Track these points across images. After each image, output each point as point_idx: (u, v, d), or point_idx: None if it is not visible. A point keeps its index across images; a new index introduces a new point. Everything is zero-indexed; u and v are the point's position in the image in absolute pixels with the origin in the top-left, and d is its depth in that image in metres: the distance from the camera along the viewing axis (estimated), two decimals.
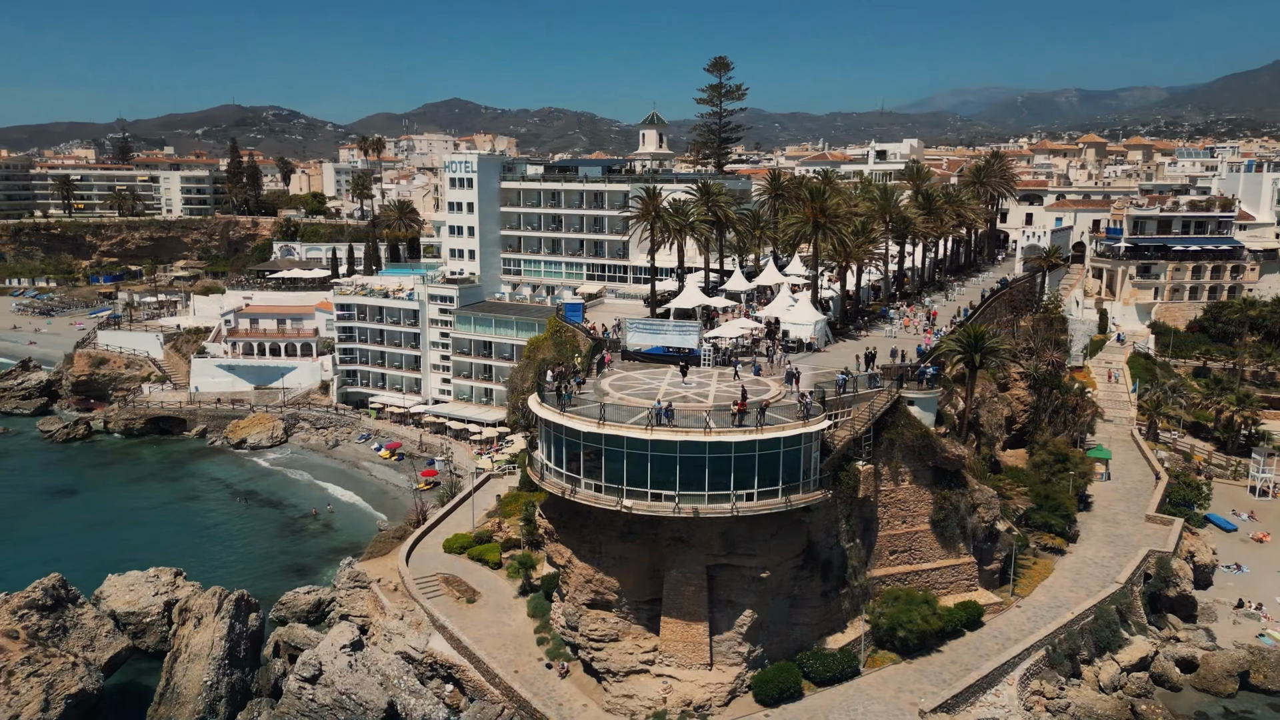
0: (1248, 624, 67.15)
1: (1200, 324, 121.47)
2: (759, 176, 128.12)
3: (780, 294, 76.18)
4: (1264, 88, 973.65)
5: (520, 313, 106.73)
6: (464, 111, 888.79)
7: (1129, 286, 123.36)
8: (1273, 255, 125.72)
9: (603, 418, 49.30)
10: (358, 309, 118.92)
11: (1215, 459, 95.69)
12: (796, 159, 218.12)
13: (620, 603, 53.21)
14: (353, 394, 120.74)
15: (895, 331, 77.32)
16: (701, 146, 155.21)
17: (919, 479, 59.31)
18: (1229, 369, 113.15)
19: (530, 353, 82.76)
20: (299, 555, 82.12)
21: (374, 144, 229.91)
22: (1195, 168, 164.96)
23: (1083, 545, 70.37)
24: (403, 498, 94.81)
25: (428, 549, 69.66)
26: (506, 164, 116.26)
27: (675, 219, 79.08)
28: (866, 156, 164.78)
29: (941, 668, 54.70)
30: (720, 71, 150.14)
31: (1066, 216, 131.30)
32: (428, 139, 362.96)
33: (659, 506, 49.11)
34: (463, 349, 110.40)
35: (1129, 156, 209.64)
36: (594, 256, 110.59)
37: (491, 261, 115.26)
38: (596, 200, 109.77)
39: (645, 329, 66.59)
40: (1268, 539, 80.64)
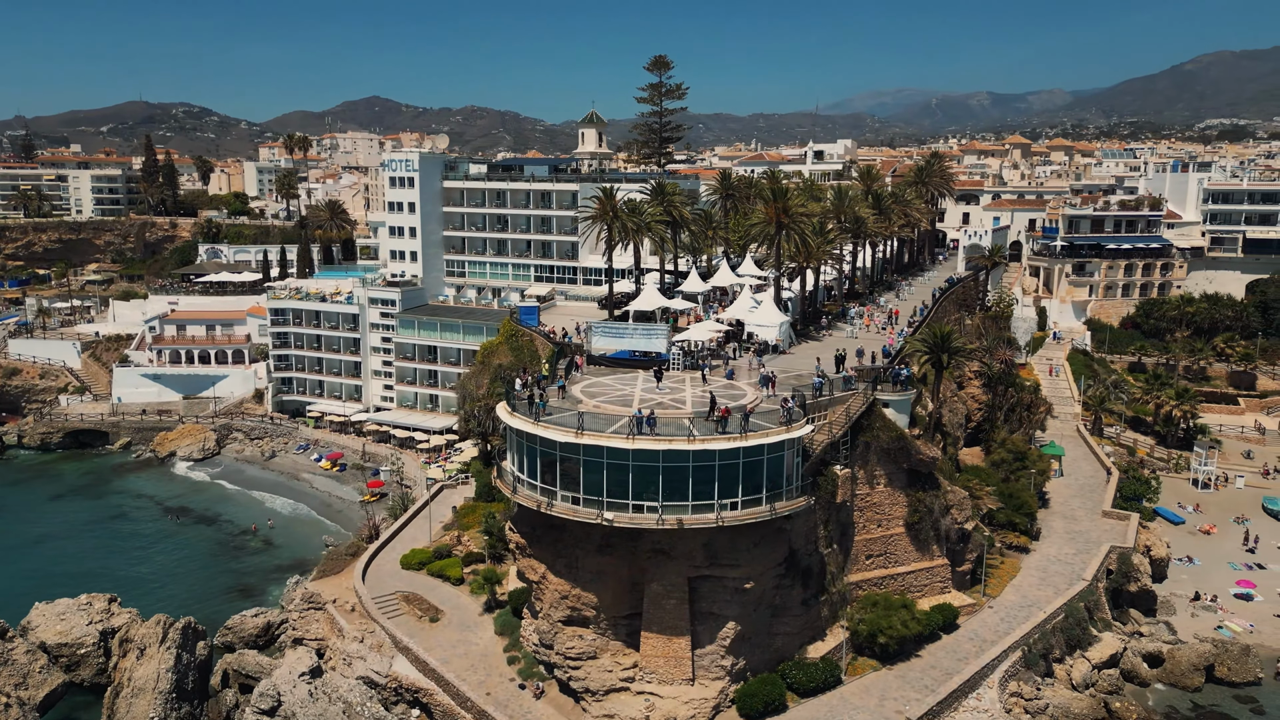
0: (1205, 616, 68.41)
1: (1133, 320, 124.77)
2: (707, 177, 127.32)
3: (742, 295, 74.88)
4: (1161, 92, 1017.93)
5: (467, 316, 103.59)
6: (384, 110, 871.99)
7: (1065, 284, 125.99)
8: (1199, 253, 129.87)
9: (581, 427, 47.22)
10: (293, 313, 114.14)
11: (1157, 453, 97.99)
12: (731, 159, 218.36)
13: (598, 618, 51.20)
14: (289, 402, 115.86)
15: (856, 331, 76.83)
16: (642, 146, 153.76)
17: (894, 481, 58.68)
18: (1163, 364, 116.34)
19: (484, 358, 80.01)
20: (241, 575, 77.91)
21: (299, 142, 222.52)
22: (1119, 168, 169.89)
23: (1045, 543, 70.83)
24: (348, 510, 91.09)
25: (384, 566, 66.49)
26: (448, 163, 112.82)
27: (632, 219, 77.26)
28: (805, 157, 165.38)
29: (922, 673, 54.04)
30: (660, 70, 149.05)
31: (1004, 216, 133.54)
32: (352, 137, 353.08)
33: (641, 518, 47.24)
34: (406, 354, 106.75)
35: (1051, 157, 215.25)
36: (542, 257, 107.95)
37: (434, 263, 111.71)
38: (544, 200, 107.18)
39: (610, 333, 64.67)
40: (1214, 530, 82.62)
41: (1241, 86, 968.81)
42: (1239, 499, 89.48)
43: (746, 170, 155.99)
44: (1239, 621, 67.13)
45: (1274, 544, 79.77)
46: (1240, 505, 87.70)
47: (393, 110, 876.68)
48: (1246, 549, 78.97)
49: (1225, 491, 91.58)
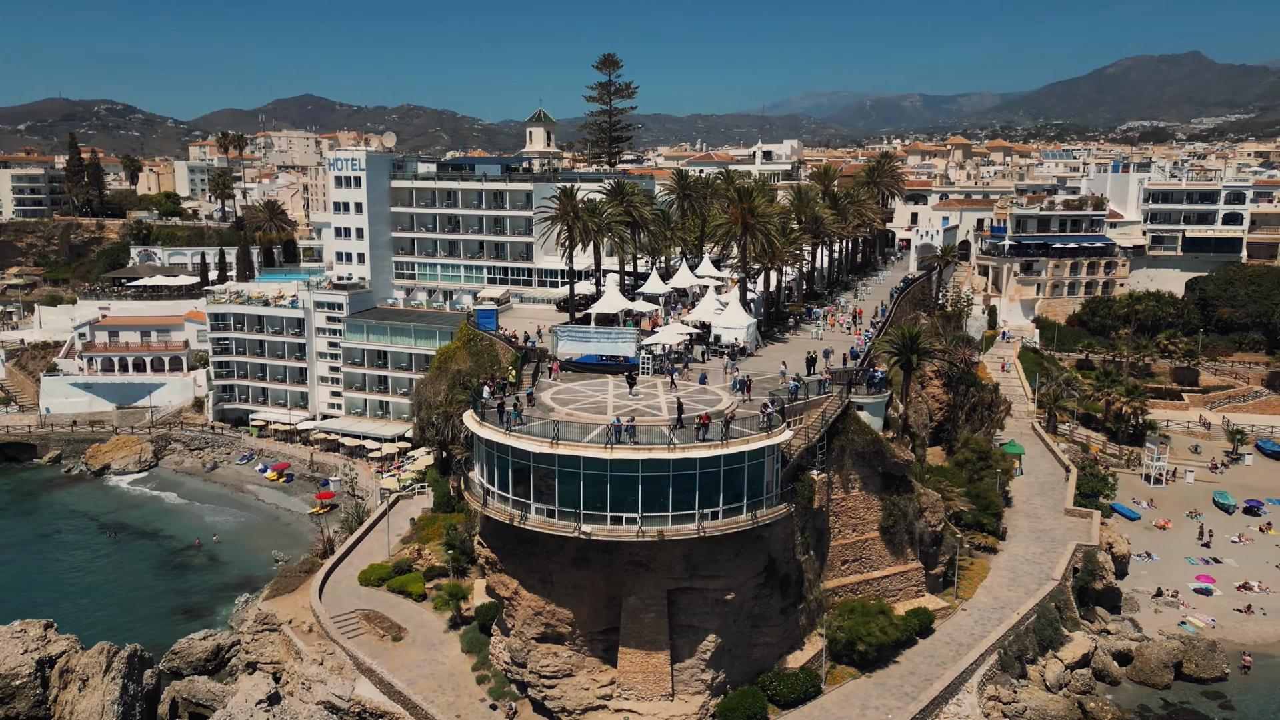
0: (1168, 613, 69.09)
1: (1079, 318, 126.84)
2: (657, 177, 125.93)
3: (706, 297, 73.74)
4: (1085, 95, 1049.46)
5: (418, 319, 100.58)
6: (318, 108, 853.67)
7: (1014, 283, 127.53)
8: (1140, 252, 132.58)
9: (556, 436, 45.33)
10: (234, 318, 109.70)
11: (1109, 449, 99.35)
12: (677, 159, 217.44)
13: (574, 635, 49.35)
14: (231, 411, 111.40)
15: (821, 332, 76.13)
16: (592, 145, 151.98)
17: (868, 485, 57.94)
18: (1109, 361, 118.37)
19: (441, 363, 77.38)
20: (186, 594, 74.10)
21: (233, 140, 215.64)
22: (1060, 168, 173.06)
23: (1012, 542, 70.88)
24: (297, 523, 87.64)
25: (341, 583, 63.64)
26: (396, 162, 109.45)
27: (593, 219, 75.47)
28: (754, 157, 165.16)
29: (901, 680, 53.29)
30: (609, 69, 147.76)
31: (952, 216, 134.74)
32: (287, 136, 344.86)
33: (621, 530, 45.58)
34: (354, 359, 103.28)
35: (992, 157, 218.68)
36: (495, 259, 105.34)
37: (383, 265, 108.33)
38: (497, 200, 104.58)
39: (577, 337, 62.83)
40: (1169, 526, 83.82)
41: (1160, 90, 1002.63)
42: (1190, 494, 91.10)
43: (695, 170, 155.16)
44: (1201, 617, 67.90)
45: (1228, 538, 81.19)
46: (1192, 500, 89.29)
47: (327, 108, 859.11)
48: (1202, 544, 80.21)
49: (1176, 486, 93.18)
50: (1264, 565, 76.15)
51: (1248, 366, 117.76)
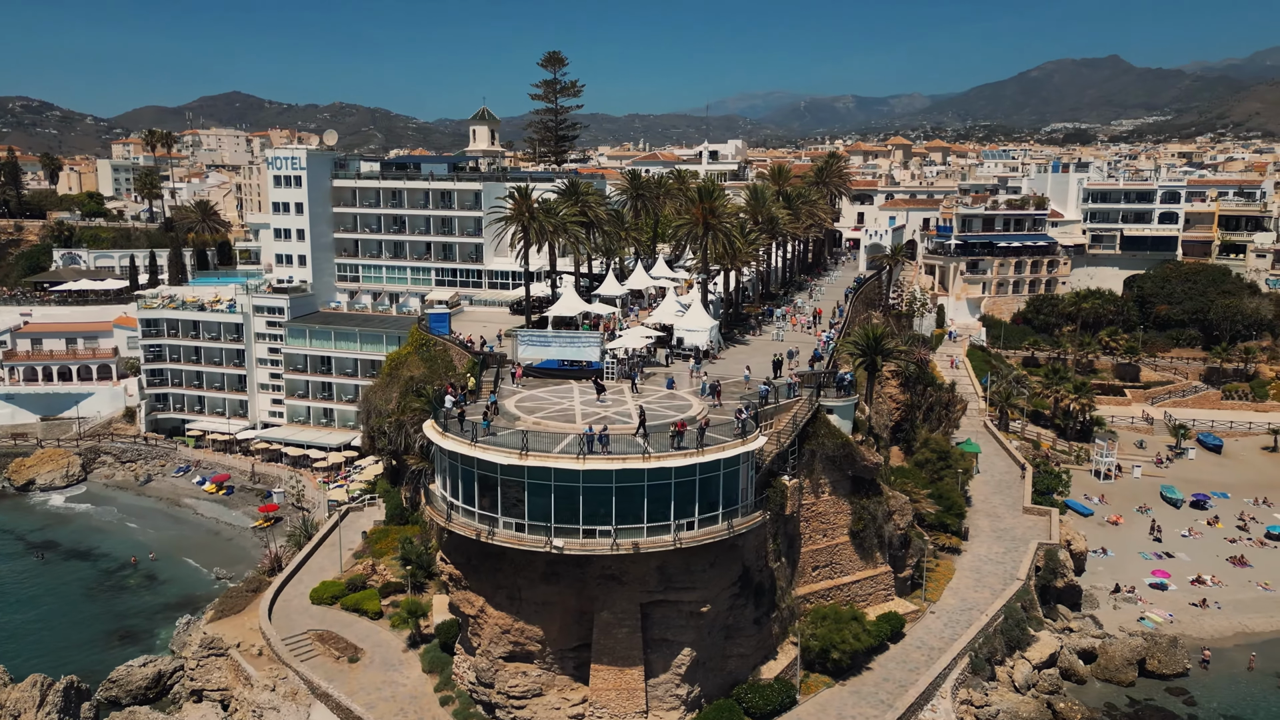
0: (1127, 608, 69.68)
1: (1024, 316, 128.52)
2: (609, 177, 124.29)
3: (666, 299, 72.31)
4: (1010, 97, 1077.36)
5: (363, 323, 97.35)
6: (246, 106, 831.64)
7: (960, 282, 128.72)
8: (1081, 250, 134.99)
9: (525, 447, 43.40)
10: (167, 324, 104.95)
11: (1059, 446, 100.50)
12: (620, 158, 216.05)
13: (543, 653, 47.48)
14: (165, 421, 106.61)
15: (781, 333, 75.25)
16: (538, 144, 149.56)
17: (838, 490, 57.10)
18: (1054, 358, 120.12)
19: (392, 369, 74.58)
20: (122, 616, 70.12)
21: (161, 138, 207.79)
22: (1000, 168, 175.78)
23: (975, 543, 70.85)
24: (239, 538, 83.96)
25: (292, 602, 60.66)
26: (338, 160, 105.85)
27: (550, 220, 73.49)
28: (700, 156, 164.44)
29: (876, 687, 52.48)
30: (555, 67, 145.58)
31: (899, 216, 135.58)
32: (216, 134, 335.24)
33: (594, 544, 43.85)
34: (297, 366, 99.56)
35: (931, 158, 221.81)
36: (443, 260, 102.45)
37: (325, 268, 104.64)
38: (444, 200, 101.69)
39: (538, 341, 60.83)
40: (1121, 521, 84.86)
41: (1081, 92, 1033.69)
42: (1138, 488, 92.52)
43: (641, 170, 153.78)
44: (1159, 612, 68.58)
45: (1178, 532, 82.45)
46: (1140, 495, 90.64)
47: (255, 106, 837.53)
48: (1153, 538, 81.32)
49: (1124, 481, 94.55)
50: (1214, 559, 77.41)
51: (1185, 362, 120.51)
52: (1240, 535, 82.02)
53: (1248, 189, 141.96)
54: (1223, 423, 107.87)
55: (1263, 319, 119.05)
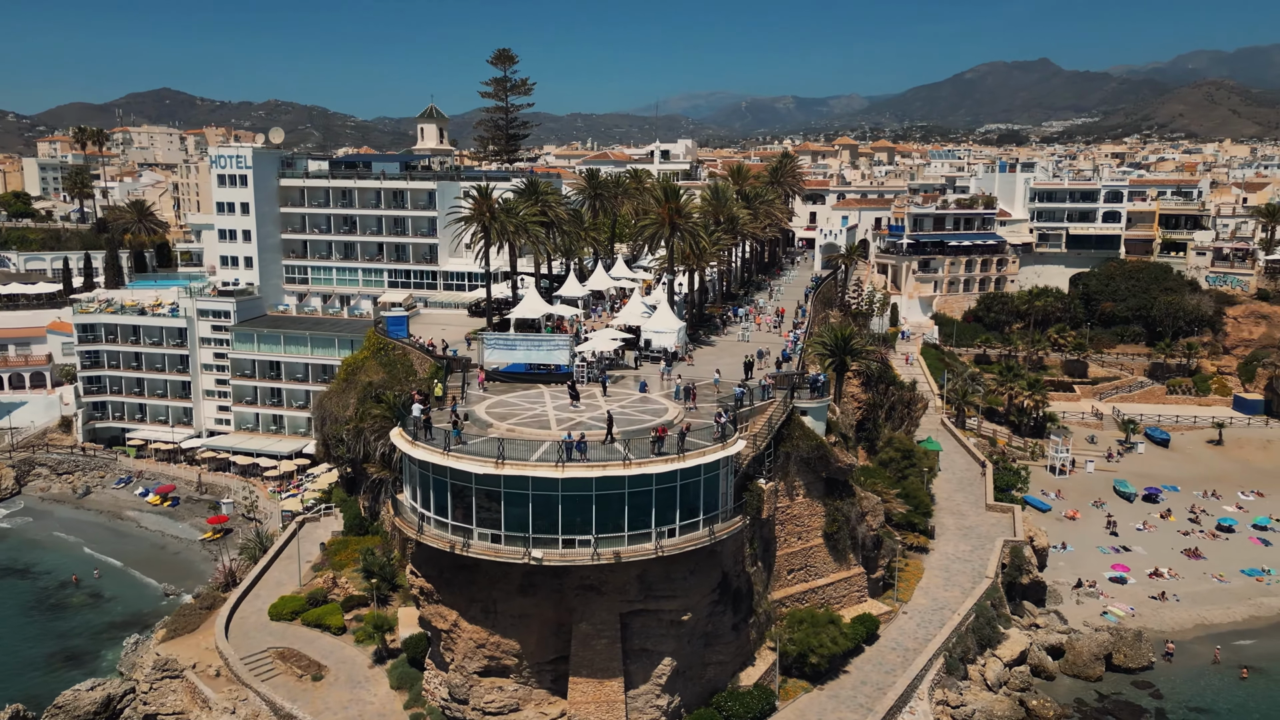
0: (1090, 603, 70.57)
1: (975, 314, 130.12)
2: (564, 177, 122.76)
3: (632, 300, 71.28)
4: (946, 99, 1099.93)
5: (314, 327, 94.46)
6: (177, 103, 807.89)
7: (913, 281, 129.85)
8: (1028, 249, 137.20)
9: (501, 456, 41.97)
10: (105, 329, 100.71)
11: (1014, 442, 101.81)
12: (569, 157, 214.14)
13: (520, 667, 46.07)
14: (103, 430, 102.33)
15: (747, 333, 74.69)
16: (488, 142, 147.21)
17: (812, 492, 56.65)
18: (1005, 355, 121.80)
19: (348, 374, 72.21)
20: (65, 638, 66.74)
21: (93, 135, 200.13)
22: (946, 168, 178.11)
23: (941, 541, 71.05)
24: (187, 552, 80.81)
25: (249, 618, 58.25)
26: (285, 159, 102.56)
27: (511, 220, 71.90)
28: (651, 156, 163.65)
29: (854, 690, 52.10)
30: (505, 64, 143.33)
31: (851, 215, 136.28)
32: (148, 131, 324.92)
33: (574, 554, 42.61)
34: (244, 371, 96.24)
35: (877, 157, 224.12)
36: (396, 261, 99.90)
37: (272, 269, 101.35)
38: (397, 199, 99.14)
39: (506, 344, 59.37)
40: (1078, 516, 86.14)
41: (1013, 94, 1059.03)
42: (1092, 483, 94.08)
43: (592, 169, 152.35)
44: (1120, 606, 69.57)
45: (1133, 526, 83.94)
46: (1095, 489, 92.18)
47: (186, 104, 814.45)
48: (1110, 532, 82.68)
49: (1078, 476, 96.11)
50: (1169, 552, 78.89)
51: (1130, 358, 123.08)
52: (1193, 528, 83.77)
53: (1185, 188, 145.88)
54: (1168, 417, 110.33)
55: (1203, 315, 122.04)
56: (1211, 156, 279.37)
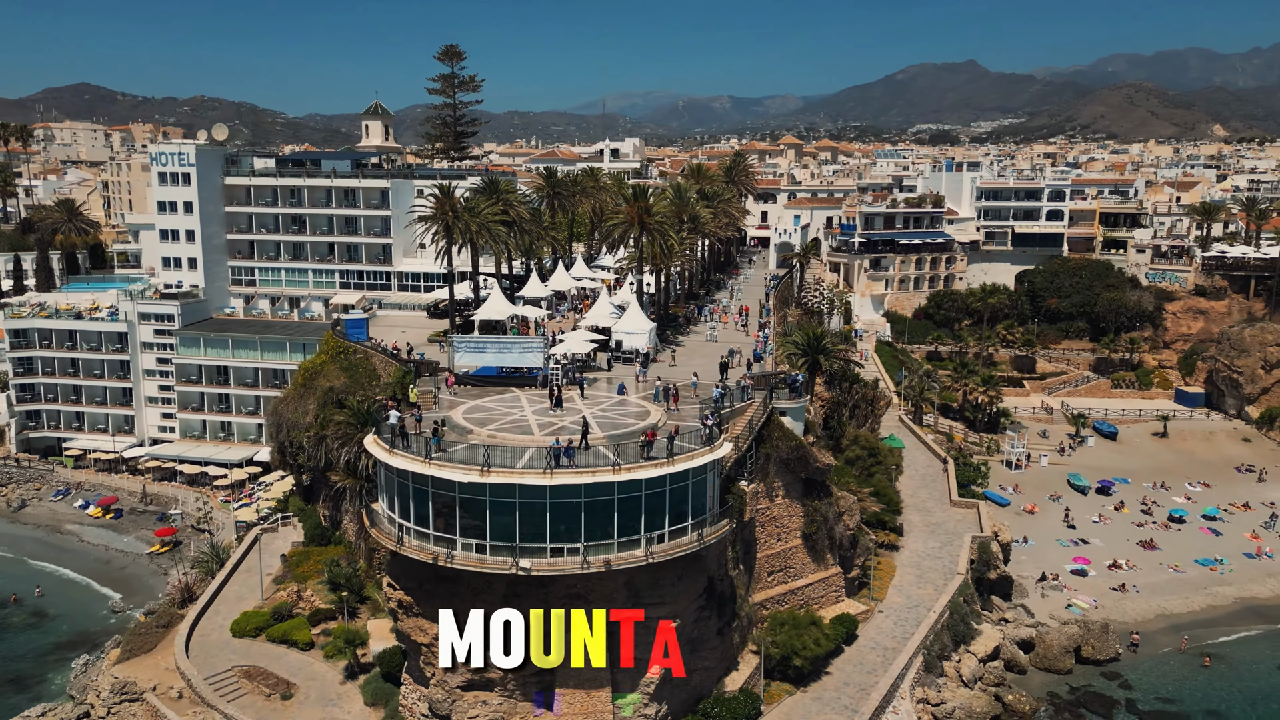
0: (1054, 596, 71.56)
1: (925, 311, 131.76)
2: (519, 175, 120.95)
3: (599, 300, 70.25)
4: (878, 99, 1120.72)
5: (264, 330, 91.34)
6: (97, 98, 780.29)
7: (865, 279, 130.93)
8: (975, 246, 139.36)
9: (487, 464, 40.64)
10: (39, 334, 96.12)
11: (970, 438, 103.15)
12: (513, 155, 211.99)
13: (505, 680, 44.68)
14: (38, 440, 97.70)
15: (715, 333, 74.15)
16: (435, 140, 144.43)
17: (790, 492, 56.27)
18: (956, 351, 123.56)
19: (306, 379, 69.80)
20: (9, 661, 63.18)
21: (16, 131, 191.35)
22: (892, 167, 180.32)
23: (910, 538, 71.29)
24: (134, 566, 77.47)
25: (210, 636, 55.78)
26: (230, 156, 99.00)
27: (474, 219, 70.24)
28: (601, 154, 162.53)
29: (837, 692, 51.84)
30: (452, 60, 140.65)
31: (803, 214, 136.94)
32: (70, 128, 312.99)
33: (563, 563, 41.46)
34: (190, 377, 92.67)
35: (821, 156, 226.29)
36: (348, 262, 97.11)
37: (217, 271, 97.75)
38: (348, 198, 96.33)
39: (476, 347, 57.88)
40: (1036, 510, 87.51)
41: (942, 95, 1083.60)
42: (1046, 477, 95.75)
43: (539, 167, 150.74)
44: (1084, 598, 70.69)
45: (1089, 518, 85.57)
46: (1049, 483, 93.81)
47: (107, 99, 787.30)
48: (1067, 525, 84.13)
49: (1033, 471, 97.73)
50: (1126, 543, 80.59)
51: (1076, 353, 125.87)
52: (1146, 519, 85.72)
53: (1122, 187, 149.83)
54: (1115, 410, 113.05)
55: (1144, 311, 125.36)
56: (1138, 157, 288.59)
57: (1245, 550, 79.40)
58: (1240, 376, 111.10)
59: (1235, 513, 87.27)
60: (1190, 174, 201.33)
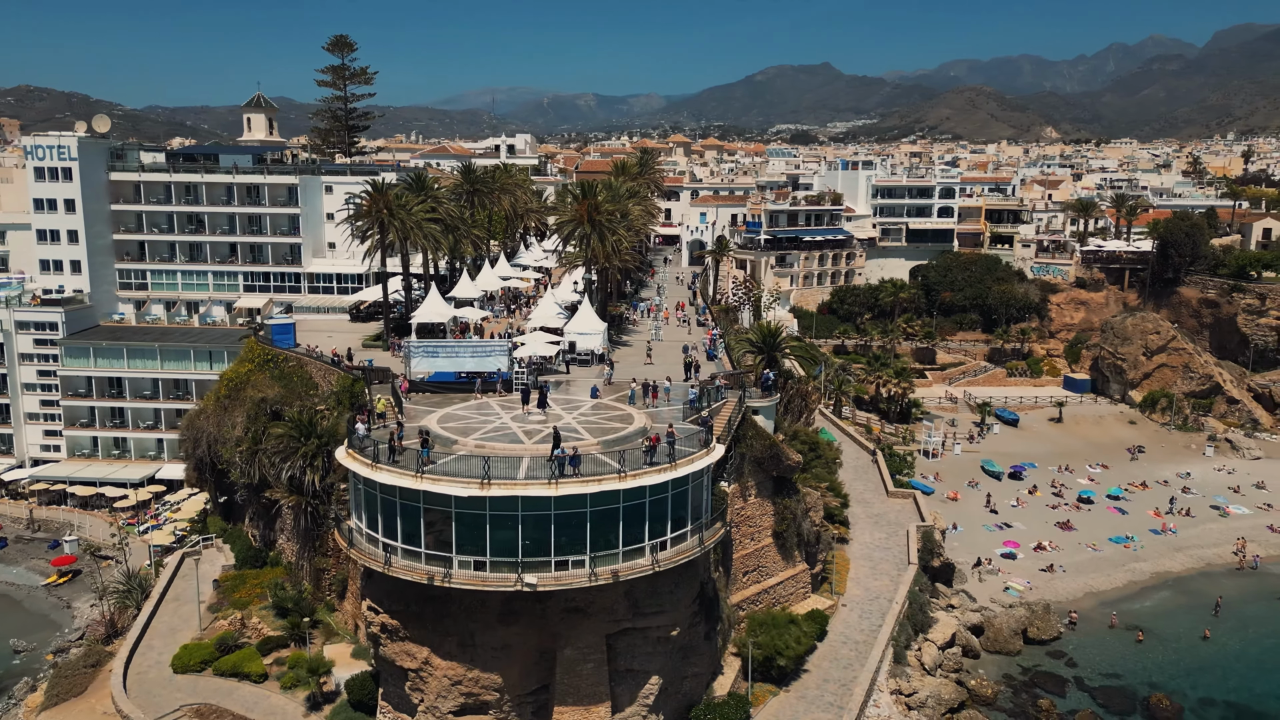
0: (991, 580, 73.98)
1: (829, 306, 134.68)
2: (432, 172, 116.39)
3: (544, 301, 68.23)
4: (739, 99, 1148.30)
5: (161, 337, 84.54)
6: None
7: (771, 275, 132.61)
8: (872, 243, 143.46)
9: (488, 476, 38.40)
10: None
11: (886, 429, 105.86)
12: (394, 150, 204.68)
13: (501, 702, 42.60)
14: None
15: (659, 331, 73.15)
16: (326, 134, 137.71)
17: (762, 491, 55.92)
18: (862, 345, 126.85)
19: (230, 390, 64.76)
20: None
21: None
22: (784, 165, 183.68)
23: (857, 530, 72.11)
24: (30, 600, 70.48)
25: (149, 673, 50.95)
26: (115, 150, 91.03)
27: (410, 217, 66.89)
28: (497, 150, 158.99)
29: (819, 689, 51.72)
30: (343, 51, 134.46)
31: (709, 212, 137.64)
32: None
33: (569, 576, 39.69)
34: (78, 390, 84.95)
35: (705, 156, 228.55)
36: (252, 263, 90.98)
37: (104, 275, 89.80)
38: (252, 195, 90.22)
39: (434, 353, 54.89)
40: (958, 497, 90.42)
41: (800, 96, 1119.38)
42: (961, 465, 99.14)
43: (430, 163, 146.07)
44: (1019, 580, 73.36)
45: (1007, 503, 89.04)
46: (966, 470, 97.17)
47: None
48: (990, 510, 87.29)
49: (948, 459, 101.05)
50: (1045, 525, 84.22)
51: (972, 344, 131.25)
52: (1059, 501, 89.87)
53: (1001, 185, 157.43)
54: (1013, 398, 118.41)
55: (1031, 303, 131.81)
56: (995, 157, 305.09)
57: (1151, 527, 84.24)
58: (1124, 363, 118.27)
59: (1136, 492, 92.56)
60: (1054, 173, 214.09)
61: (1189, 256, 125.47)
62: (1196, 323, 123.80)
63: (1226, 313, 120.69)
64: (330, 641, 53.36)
